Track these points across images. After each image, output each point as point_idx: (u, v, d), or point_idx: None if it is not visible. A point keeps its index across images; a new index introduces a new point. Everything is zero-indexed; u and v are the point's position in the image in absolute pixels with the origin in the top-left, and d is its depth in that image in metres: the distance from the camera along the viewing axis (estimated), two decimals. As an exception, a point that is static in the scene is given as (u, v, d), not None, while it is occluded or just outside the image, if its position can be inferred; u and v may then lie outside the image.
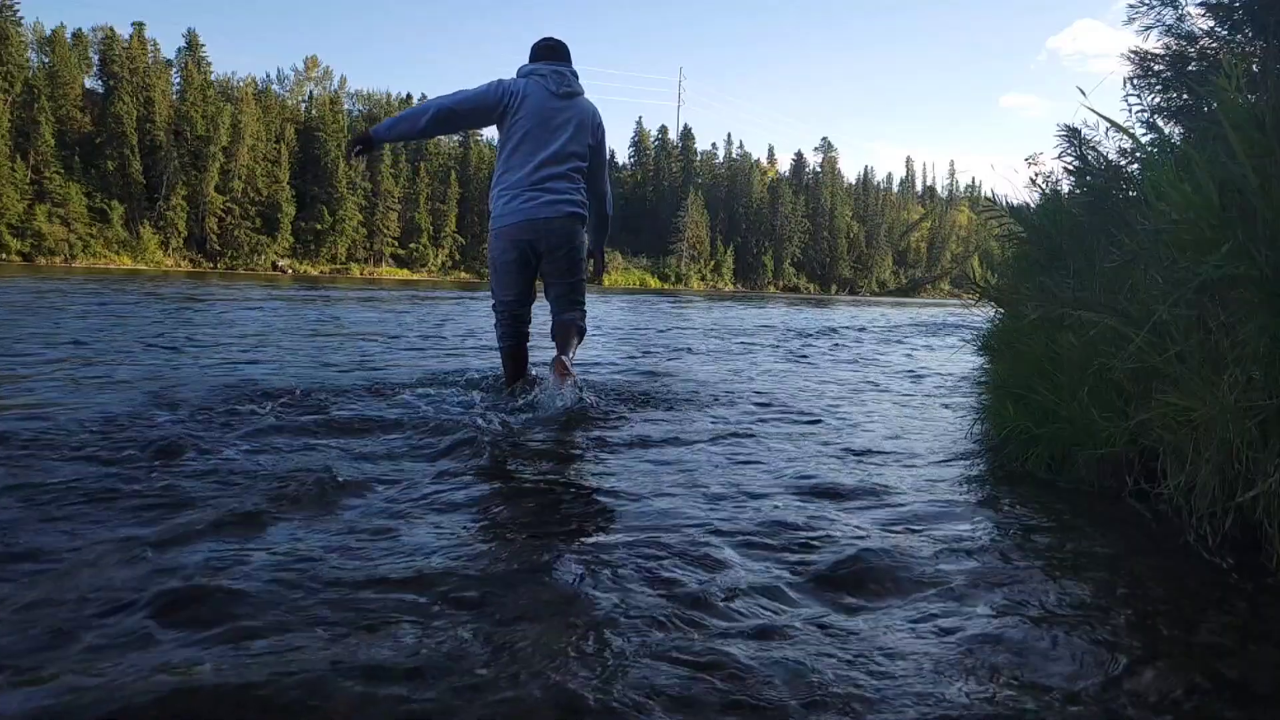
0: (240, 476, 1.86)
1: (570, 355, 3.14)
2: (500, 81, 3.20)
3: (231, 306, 9.27)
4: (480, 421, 2.58)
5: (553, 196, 3.12)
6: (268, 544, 1.43)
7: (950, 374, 4.98)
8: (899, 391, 4.15)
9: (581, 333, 3.31)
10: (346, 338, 5.97)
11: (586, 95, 3.32)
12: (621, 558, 1.43)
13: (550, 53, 3.30)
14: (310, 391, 3.01)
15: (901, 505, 1.87)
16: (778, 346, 7.02)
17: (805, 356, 6.17)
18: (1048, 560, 1.53)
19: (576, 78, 3.28)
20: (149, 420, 2.40)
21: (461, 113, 3.17)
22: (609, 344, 6.48)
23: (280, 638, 1.07)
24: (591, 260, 3.49)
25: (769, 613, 1.24)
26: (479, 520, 1.68)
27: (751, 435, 2.67)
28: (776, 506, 1.83)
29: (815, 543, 1.56)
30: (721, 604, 1.25)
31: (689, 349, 6.34)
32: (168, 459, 1.99)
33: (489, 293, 3.34)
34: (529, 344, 3.35)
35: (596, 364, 4.73)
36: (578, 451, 2.37)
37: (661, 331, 8.38)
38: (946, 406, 3.59)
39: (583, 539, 1.57)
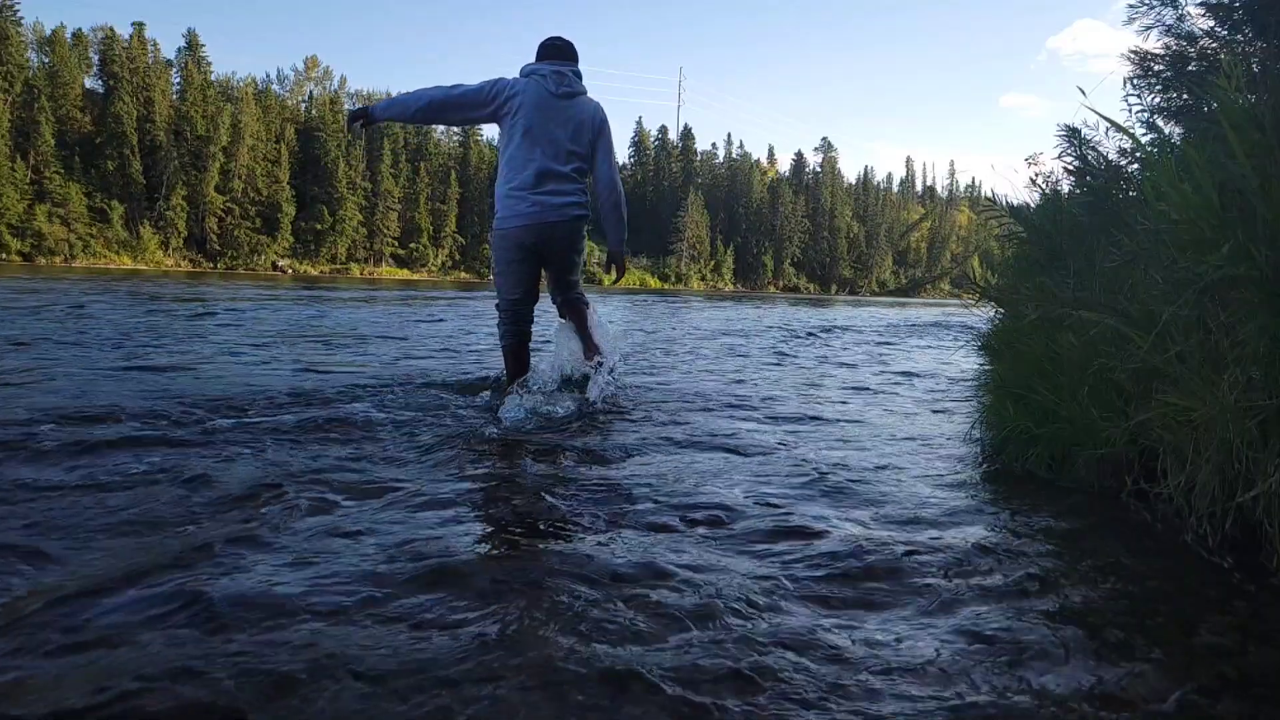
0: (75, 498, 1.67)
1: (592, 329, 3.36)
2: (499, 80, 3.21)
3: (214, 307, 9.08)
4: (418, 431, 2.44)
5: (559, 200, 3.16)
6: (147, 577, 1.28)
7: (950, 375, 4.97)
8: (898, 392, 4.14)
9: (587, 304, 3.47)
10: (310, 340, 5.68)
11: (590, 94, 3.32)
12: (576, 587, 1.31)
13: (554, 52, 3.30)
14: (225, 400, 2.80)
15: (898, 506, 1.87)
16: (770, 348, 6.97)
17: (796, 357, 6.15)
18: (1047, 560, 1.53)
19: (579, 77, 3.28)
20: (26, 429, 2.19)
21: (452, 105, 3.21)
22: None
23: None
24: (613, 266, 3.54)
25: (758, 620, 1.23)
26: (419, 533, 1.55)
27: (736, 443, 2.56)
28: (765, 508, 1.81)
29: (807, 544, 1.56)
30: (704, 620, 1.21)
31: (675, 350, 6.16)
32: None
33: (487, 292, 3.37)
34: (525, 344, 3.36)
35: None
36: (535, 462, 2.19)
37: (650, 333, 8.28)
38: (945, 408, 3.58)
39: (520, 562, 1.43)
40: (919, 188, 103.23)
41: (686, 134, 79.32)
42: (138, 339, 5.09)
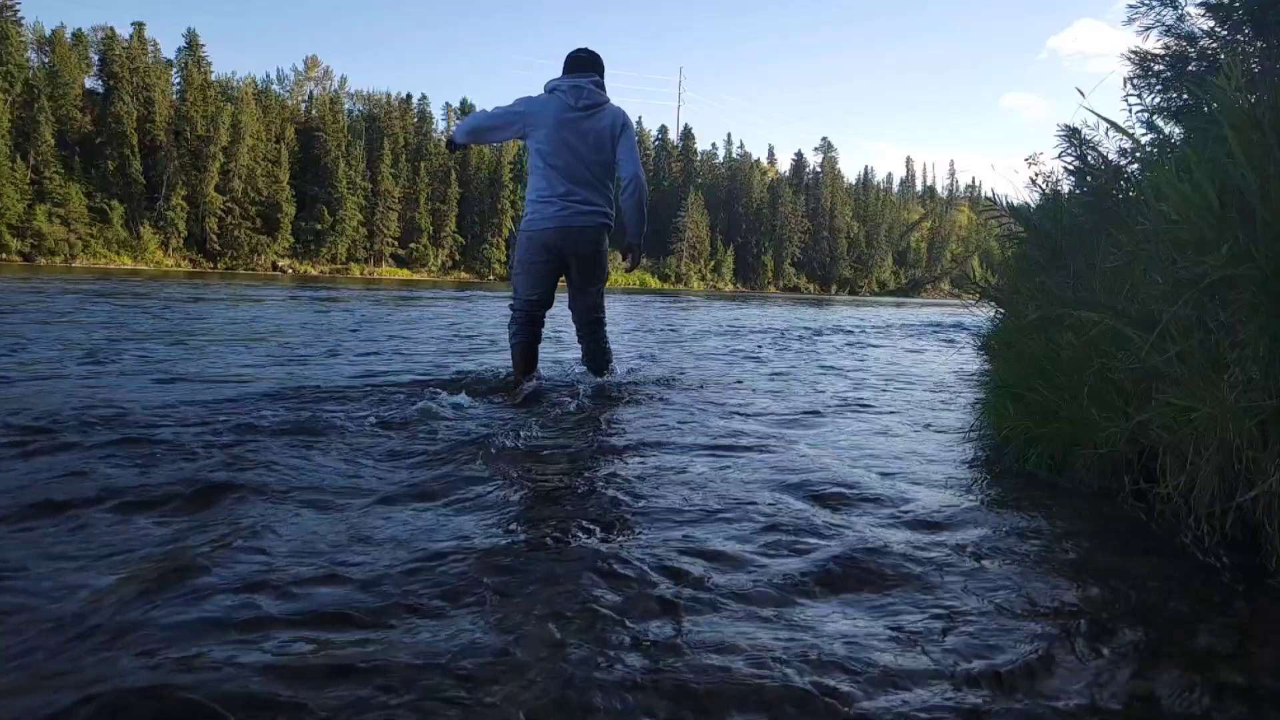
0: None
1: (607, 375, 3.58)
2: (527, 99, 3.41)
3: (199, 309, 8.89)
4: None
5: (586, 208, 3.34)
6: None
7: (950, 375, 4.97)
8: (899, 390, 4.14)
9: (609, 354, 3.67)
10: (255, 340, 5.47)
11: (611, 101, 3.46)
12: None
13: (577, 64, 3.47)
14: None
15: (899, 506, 1.86)
16: (766, 350, 6.96)
17: (788, 360, 6.14)
18: (1046, 561, 1.53)
19: (600, 87, 3.42)
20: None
21: (486, 128, 3.51)
22: (558, 350, 5.31)
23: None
24: (628, 256, 3.62)
25: (754, 616, 1.23)
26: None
27: (717, 447, 2.52)
28: (761, 510, 1.81)
29: (806, 543, 1.55)
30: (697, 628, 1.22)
31: (654, 356, 5.67)
32: None
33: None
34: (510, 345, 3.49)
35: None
36: (546, 464, 2.12)
37: (647, 330, 8.17)
38: (943, 408, 3.58)
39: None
40: (919, 188, 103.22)
41: (686, 134, 79.31)
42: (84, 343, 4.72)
